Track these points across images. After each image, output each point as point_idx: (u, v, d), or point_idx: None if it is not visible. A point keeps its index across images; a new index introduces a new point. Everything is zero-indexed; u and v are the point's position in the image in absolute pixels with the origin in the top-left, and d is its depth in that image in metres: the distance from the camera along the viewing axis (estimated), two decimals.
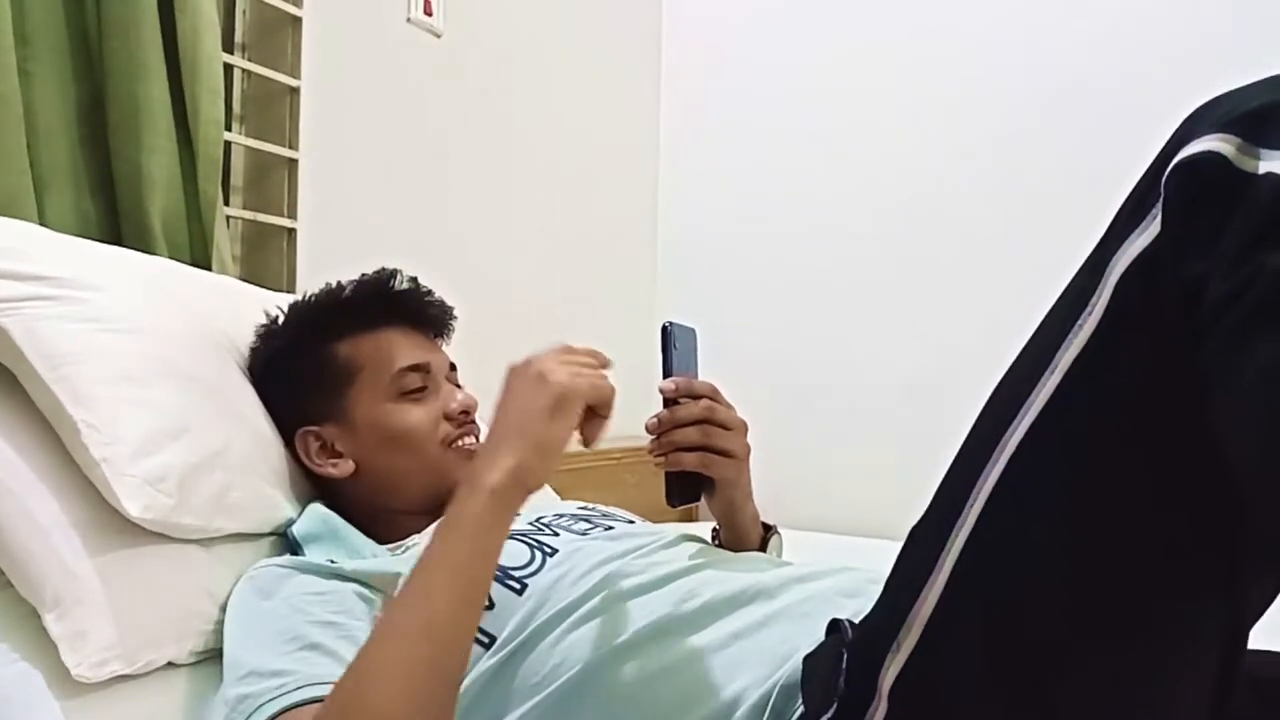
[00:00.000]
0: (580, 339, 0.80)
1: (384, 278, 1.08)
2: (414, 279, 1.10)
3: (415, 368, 1.03)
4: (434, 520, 0.97)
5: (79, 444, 0.85)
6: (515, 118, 2.08)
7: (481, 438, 1.07)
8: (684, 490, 0.90)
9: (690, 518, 2.13)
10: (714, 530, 1.03)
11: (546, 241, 2.18)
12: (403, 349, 1.04)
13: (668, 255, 2.55)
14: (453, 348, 1.14)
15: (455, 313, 1.14)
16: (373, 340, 1.04)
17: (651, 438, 0.88)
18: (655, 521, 1.10)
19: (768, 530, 1.02)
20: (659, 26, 2.55)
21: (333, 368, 1.03)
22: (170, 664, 0.87)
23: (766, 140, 2.39)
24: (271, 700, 0.69)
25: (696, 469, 0.89)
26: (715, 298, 2.41)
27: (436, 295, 1.12)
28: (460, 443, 1.03)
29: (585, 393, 0.72)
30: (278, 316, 1.08)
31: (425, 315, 1.10)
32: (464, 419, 1.05)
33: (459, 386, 1.10)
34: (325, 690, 0.68)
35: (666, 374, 0.90)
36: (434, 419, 1.02)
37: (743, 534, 0.99)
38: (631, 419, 2.70)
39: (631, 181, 2.51)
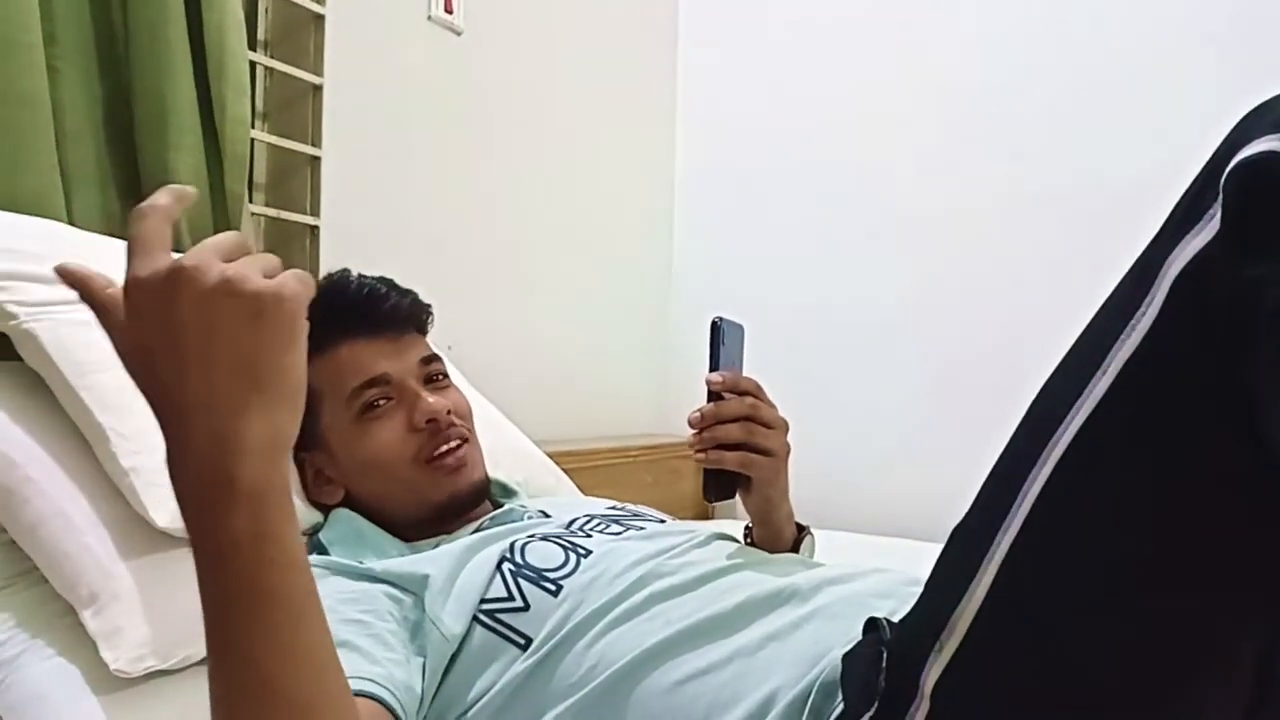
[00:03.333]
0: (595, 334, 0.79)
1: (330, 288, 1.00)
2: (362, 277, 1.01)
3: (370, 383, 0.96)
4: (456, 527, 0.97)
5: (108, 452, 0.85)
6: (534, 115, 2.08)
7: (479, 438, 1.01)
8: (721, 487, 0.90)
9: (705, 515, 2.13)
10: (746, 528, 1.02)
11: (565, 236, 2.18)
12: (356, 364, 0.96)
13: (684, 248, 2.55)
14: (470, 344, 1.11)
15: (424, 302, 1.04)
16: (327, 361, 0.96)
17: (693, 432, 0.87)
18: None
19: (801, 530, 1.02)
20: (675, 25, 2.55)
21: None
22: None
23: (784, 141, 2.38)
24: None
25: (737, 468, 0.89)
26: (734, 293, 2.40)
27: (393, 291, 1.02)
28: (436, 454, 0.96)
29: None
30: None
31: (377, 318, 0.99)
32: (433, 429, 0.96)
33: (441, 379, 1.03)
34: (352, 684, 0.68)
35: (714, 368, 0.89)
36: (400, 435, 0.96)
37: (777, 532, 0.99)
38: (647, 420, 2.67)
39: (649, 177, 2.51)
